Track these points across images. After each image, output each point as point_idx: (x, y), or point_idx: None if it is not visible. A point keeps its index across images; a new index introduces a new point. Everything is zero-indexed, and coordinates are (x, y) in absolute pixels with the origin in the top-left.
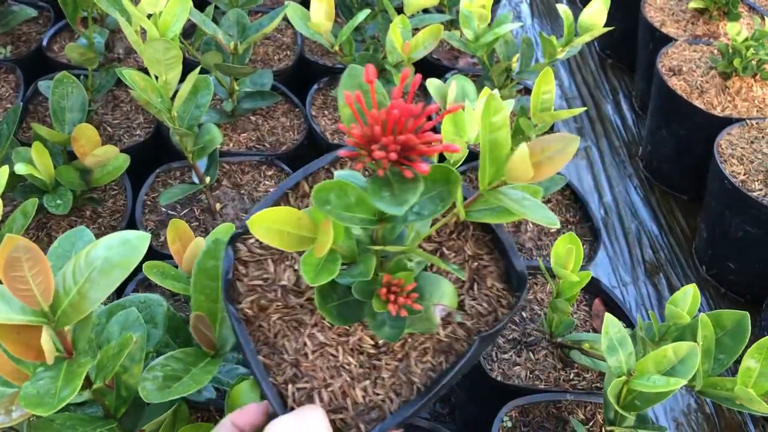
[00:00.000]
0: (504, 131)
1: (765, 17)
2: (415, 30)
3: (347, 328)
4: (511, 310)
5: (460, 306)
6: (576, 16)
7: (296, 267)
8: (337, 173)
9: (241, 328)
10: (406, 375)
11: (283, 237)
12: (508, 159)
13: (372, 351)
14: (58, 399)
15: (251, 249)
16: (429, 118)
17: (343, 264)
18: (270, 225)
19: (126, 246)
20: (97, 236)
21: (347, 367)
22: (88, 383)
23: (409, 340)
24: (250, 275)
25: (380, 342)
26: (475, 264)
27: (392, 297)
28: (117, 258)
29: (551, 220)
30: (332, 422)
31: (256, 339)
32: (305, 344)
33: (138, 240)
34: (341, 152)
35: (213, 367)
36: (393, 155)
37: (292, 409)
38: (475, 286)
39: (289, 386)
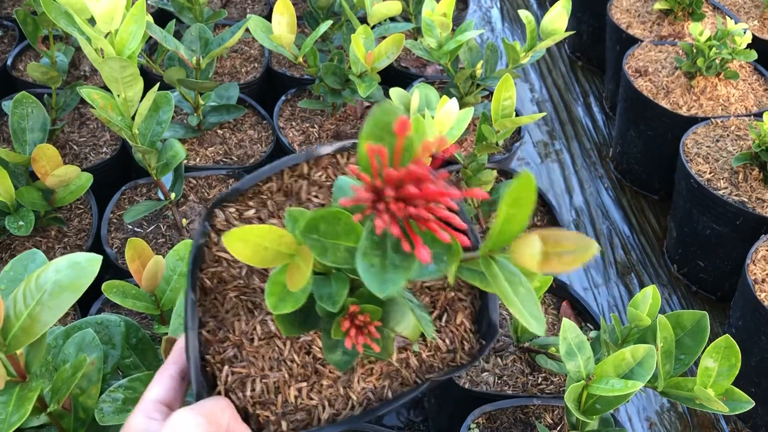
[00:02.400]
0: (526, 210)
1: (728, 16)
2: (382, 39)
3: None
4: (472, 360)
5: (422, 335)
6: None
7: None
8: (339, 179)
9: (192, 298)
10: (345, 389)
11: (258, 251)
12: (516, 237)
13: (319, 355)
14: (7, 424)
15: (229, 219)
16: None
17: (315, 273)
18: (249, 238)
19: (75, 268)
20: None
21: (289, 363)
22: (43, 406)
23: (359, 356)
24: (220, 245)
25: None
26: (452, 294)
27: (353, 331)
28: (66, 281)
29: (538, 323)
30: (255, 416)
31: (206, 310)
32: (255, 329)
33: (87, 262)
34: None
35: None
36: (395, 230)
37: (220, 393)
38: (444, 318)
39: (225, 368)
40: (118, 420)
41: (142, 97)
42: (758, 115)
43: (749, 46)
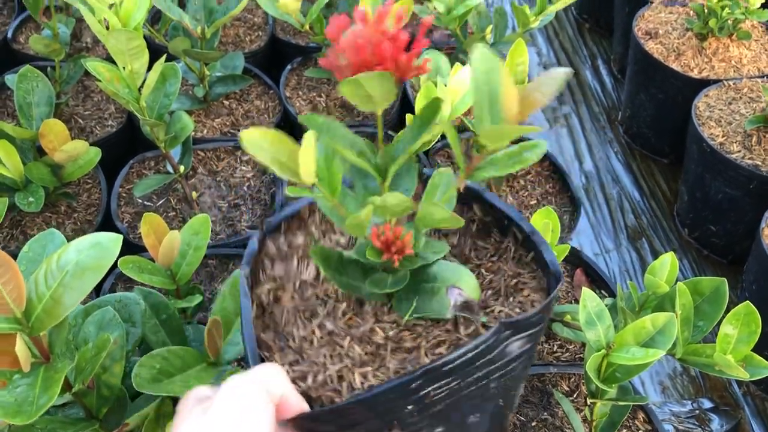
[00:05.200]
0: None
1: None
2: None
3: (359, 318)
4: (543, 294)
5: (490, 312)
6: None
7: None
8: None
9: (248, 305)
10: (413, 365)
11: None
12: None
13: (381, 342)
14: (36, 407)
15: (279, 246)
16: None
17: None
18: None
19: (97, 248)
20: (74, 231)
21: (351, 355)
22: (67, 386)
23: (423, 333)
24: (273, 268)
25: (391, 334)
26: (514, 281)
27: (384, 241)
28: (89, 261)
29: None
30: (319, 398)
31: (265, 325)
32: (313, 332)
33: (110, 242)
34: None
35: (207, 376)
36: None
37: None
38: (510, 298)
39: (285, 367)
40: (152, 389)
41: (149, 69)
42: None
43: (763, 5)
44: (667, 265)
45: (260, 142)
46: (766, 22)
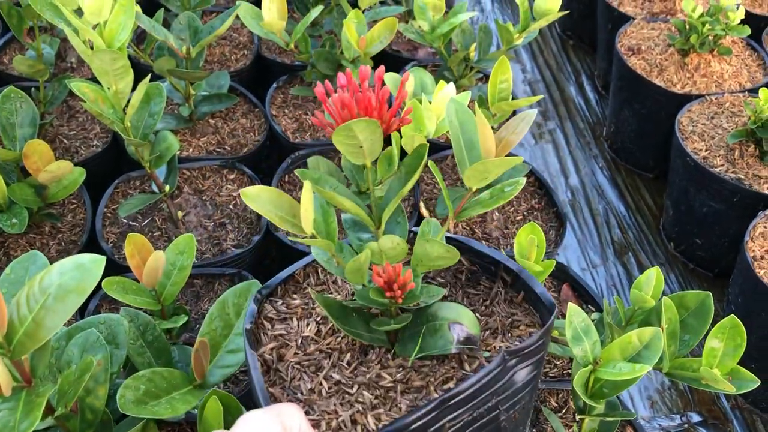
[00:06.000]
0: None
1: None
2: (373, 23)
3: (364, 367)
4: (538, 327)
5: (491, 348)
6: (532, 0)
7: (319, 320)
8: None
9: (256, 364)
10: (425, 402)
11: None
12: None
13: (390, 385)
14: (17, 431)
15: (278, 309)
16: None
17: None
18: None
19: (80, 270)
20: (58, 252)
21: (361, 399)
22: (50, 410)
23: (430, 372)
24: (274, 328)
25: (398, 376)
26: (509, 320)
27: (386, 278)
28: (72, 283)
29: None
30: None
31: (272, 383)
32: (321, 384)
33: (92, 264)
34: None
35: (193, 398)
36: None
37: None
38: (508, 334)
39: None
40: (137, 411)
41: (133, 89)
42: (752, 91)
43: (742, 21)
44: (652, 279)
45: (260, 196)
46: (745, 38)
